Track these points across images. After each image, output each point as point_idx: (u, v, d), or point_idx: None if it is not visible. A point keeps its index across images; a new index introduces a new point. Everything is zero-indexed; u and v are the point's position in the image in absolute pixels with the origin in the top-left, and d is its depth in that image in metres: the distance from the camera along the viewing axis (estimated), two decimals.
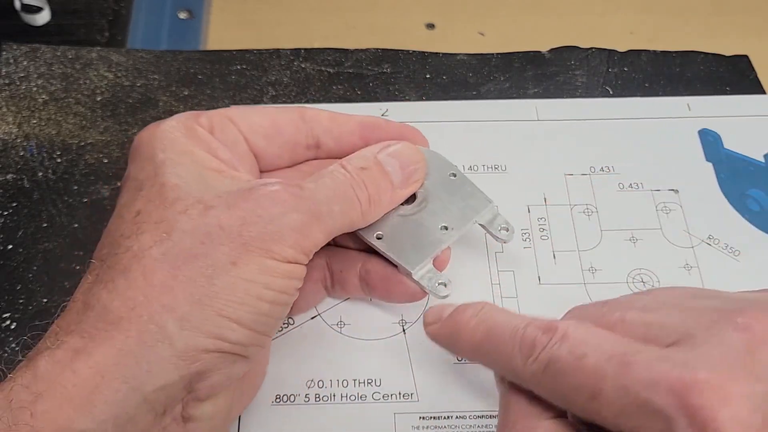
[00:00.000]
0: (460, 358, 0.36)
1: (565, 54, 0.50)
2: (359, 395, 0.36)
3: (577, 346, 0.25)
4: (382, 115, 0.45)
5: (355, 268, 0.35)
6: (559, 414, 0.27)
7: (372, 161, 0.32)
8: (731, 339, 0.23)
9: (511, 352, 0.27)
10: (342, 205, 0.30)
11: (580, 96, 0.47)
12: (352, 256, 0.35)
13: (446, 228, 0.34)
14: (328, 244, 0.33)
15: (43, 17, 0.50)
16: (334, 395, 0.35)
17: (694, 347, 0.23)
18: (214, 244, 0.27)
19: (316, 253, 0.30)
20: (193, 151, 0.30)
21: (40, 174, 0.42)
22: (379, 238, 0.33)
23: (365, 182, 0.31)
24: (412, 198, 0.34)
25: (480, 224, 0.35)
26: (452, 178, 0.35)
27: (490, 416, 0.35)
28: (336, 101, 0.46)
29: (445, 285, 0.33)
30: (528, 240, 0.41)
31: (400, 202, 0.34)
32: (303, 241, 0.28)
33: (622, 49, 0.50)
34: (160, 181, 0.29)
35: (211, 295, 0.26)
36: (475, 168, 0.43)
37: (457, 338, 0.30)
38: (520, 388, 0.27)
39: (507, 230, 0.35)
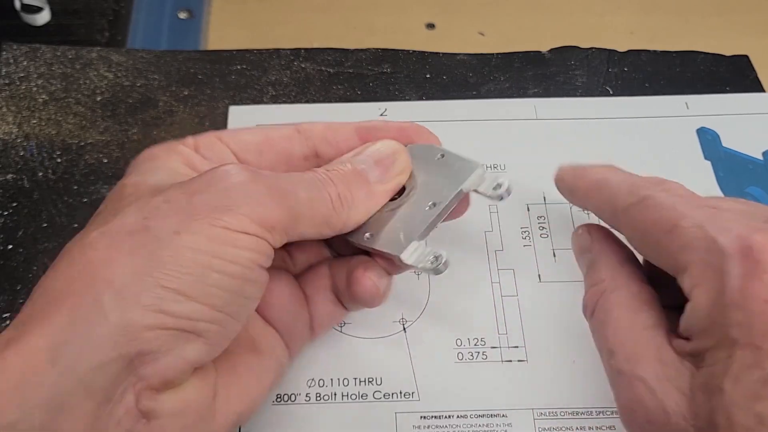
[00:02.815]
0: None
1: (565, 54, 0.50)
2: (360, 394, 0.35)
3: (677, 194, 0.29)
4: (381, 114, 0.45)
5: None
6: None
7: (344, 161, 0.31)
8: None
9: (618, 189, 0.31)
10: (309, 192, 0.29)
11: (581, 96, 0.47)
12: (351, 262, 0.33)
13: (434, 204, 0.32)
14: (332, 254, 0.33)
15: (43, 17, 0.50)
16: (335, 394, 0.35)
17: None
18: (159, 218, 0.26)
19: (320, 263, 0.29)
20: (167, 164, 0.30)
21: (40, 174, 0.42)
22: (368, 237, 0.32)
23: (333, 179, 0.30)
24: (402, 192, 0.33)
25: (472, 191, 0.33)
26: (440, 158, 0.34)
27: (491, 415, 0.35)
28: (336, 101, 0.46)
29: (437, 258, 0.31)
30: (528, 238, 0.41)
31: (387, 198, 0.32)
32: (259, 211, 0.27)
33: (622, 49, 0.50)
34: (122, 182, 0.29)
35: (153, 266, 0.25)
36: None
37: (580, 177, 0.34)
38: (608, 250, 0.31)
39: (500, 187, 0.33)
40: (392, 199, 0.32)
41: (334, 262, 0.34)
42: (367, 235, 0.32)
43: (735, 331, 0.24)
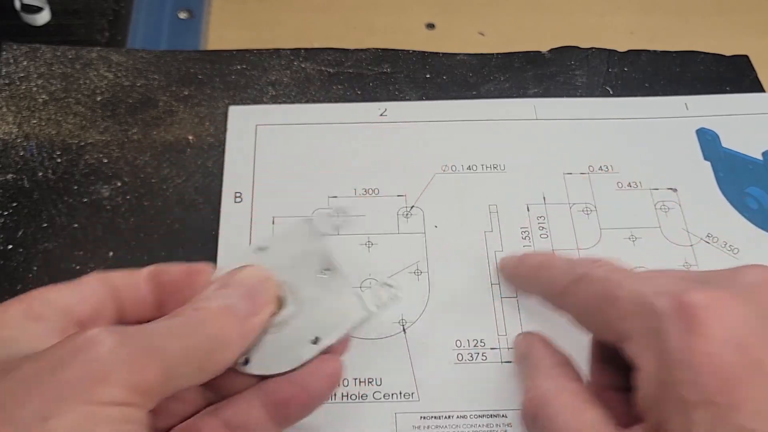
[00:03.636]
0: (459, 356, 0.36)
1: (565, 54, 0.50)
2: (360, 395, 0.36)
3: (612, 268, 0.30)
4: (381, 114, 0.45)
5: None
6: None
7: (210, 297, 0.29)
8: (735, 280, 0.27)
9: (557, 271, 0.32)
10: (181, 341, 0.26)
11: (580, 96, 0.47)
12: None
13: (317, 340, 0.30)
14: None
15: (43, 17, 0.50)
16: (335, 394, 0.35)
17: (703, 279, 0.27)
18: (19, 401, 0.22)
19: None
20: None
21: (40, 174, 0.42)
22: (247, 363, 0.30)
23: (203, 321, 0.27)
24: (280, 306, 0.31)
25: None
26: (325, 275, 0.32)
27: (491, 415, 0.35)
28: (336, 101, 0.46)
29: (390, 290, 0.32)
30: (527, 239, 0.41)
31: (261, 328, 0.30)
32: (135, 378, 0.24)
33: (622, 49, 0.50)
34: None
35: None
36: (475, 167, 0.43)
37: (521, 261, 0.37)
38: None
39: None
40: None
41: (222, 406, 0.30)
42: (245, 358, 0.30)
43: (687, 391, 0.24)
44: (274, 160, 0.43)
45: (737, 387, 0.23)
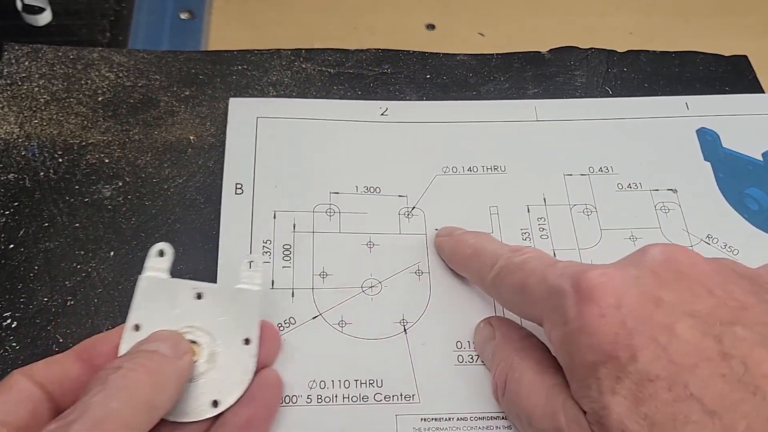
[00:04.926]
0: (459, 352, 0.37)
1: (564, 54, 0.50)
2: (361, 396, 0.36)
3: (528, 258, 0.32)
4: (382, 114, 0.45)
5: None
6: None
7: (134, 354, 0.30)
8: (631, 259, 0.29)
9: (485, 263, 0.35)
10: (119, 402, 0.27)
11: (580, 96, 0.47)
12: None
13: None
14: None
15: (44, 18, 0.50)
16: (336, 396, 0.35)
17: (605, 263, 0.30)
18: None
19: None
20: None
21: (42, 174, 0.42)
22: (207, 408, 0.32)
23: (138, 367, 0.28)
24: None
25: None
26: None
27: (492, 417, 0.35)
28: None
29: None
30: (528, 240, 0.41)
31: (191, 368, 0.32)
32: None
33: (621, 49, 0.50)
34: None
35: None
36: (475, 168, 0.43)
37: (456, 251, 0.38)
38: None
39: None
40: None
41: None
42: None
43: (588, 354, 0.27)
44: (275, 153, 0.43)
45: (630, 340, 0.26)
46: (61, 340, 0.37)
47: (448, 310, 0.38)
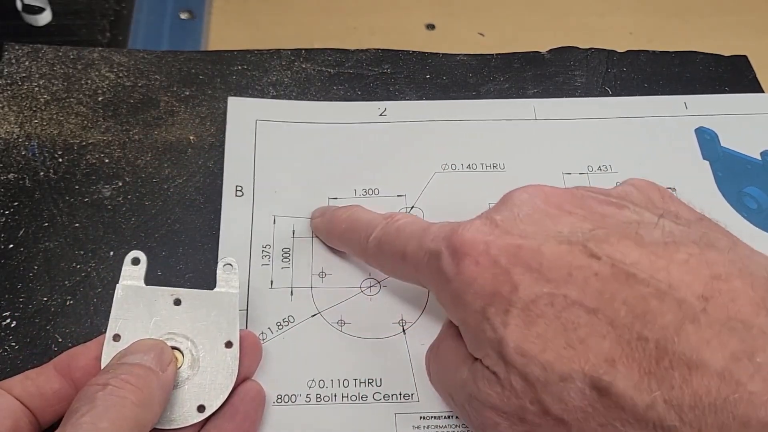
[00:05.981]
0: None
1: (564, 54, 0.50)
2: (360, 395, 0.36)
3: (403, 224, 0.33)
4: (381, 114, 0.45)
5: None
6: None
7: (116, 365, 0.30)
8: (500, 207, 0.31)
9: (362, 235, 0.35)
10: (108, 422, 0.27)
11: (580, 96, 0.47)
12: None
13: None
14: None
15: (44, 18, 0.50)
16: (335, 395, 0.35)
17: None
18: None
19: None
20: None
21: (42, 173, 0.42)
22: (196, 412, 0.32)
23: (125, 385, 0.29)
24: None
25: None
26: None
27: None
28: (336, 101, 0.46)
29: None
30: None
31: (174, 379, 0.32)
32: None
33: (621, 49, 0.50)
34: None
35: None
36: (474, 167, 0.43)
37: (332, 228, 0.38)
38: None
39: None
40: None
41: None
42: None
43: (476, 301, 0.28)
44: (275, 157, 0.43)
45: (507, 274, 0.27)
46: (60, 340, 0.37)
47: None
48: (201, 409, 0.32)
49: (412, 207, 0.42)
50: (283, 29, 0.52)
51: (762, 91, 0.48)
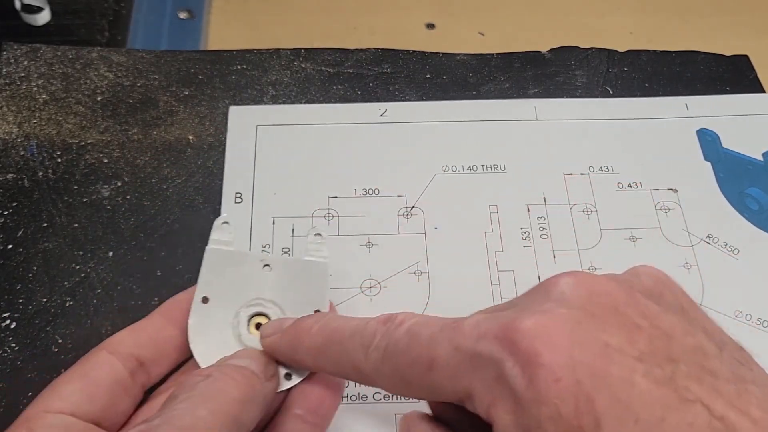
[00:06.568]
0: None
1: (565, 54, 0.50)
2: (360, 395, 0.36)
3: (413, 326, 0.27)
4: (381, 115, 0.45)
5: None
6: None
7: (223, 365, 0.30)
8: (548, 297, 0.25)
9: (352, 347, 0.28)
10: (206, 411, 0.27)
11: (580, 96, 0.47)
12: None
13: (289, 376, 0.32)
14: None
15: (43, 17, 0.50)
16: None
17: (516, 307, 0.25)
18: None
19: None
20: None
21: (41, 174, 0.42)
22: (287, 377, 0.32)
23: (232, 378, 0.28)
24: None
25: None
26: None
27: None
28: (336, 101, 0.46)
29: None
30: (528, 239, 0.41)
31: (274, 391, 0.31)
32: None
33: (622, 49, 0.50)
34: None
35: None
36: (475, 168, 0.43)
37: (299, 345, 0.31)
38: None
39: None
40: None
41: None
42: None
43: (549, 426, 0.22)
44: (275, 160, 0.43)
45: (592, 405, 0.22)
46: (60, 341, 0.37)
47: (448, 309, 0.38)
48: (288, 376, 0.31)
49: (412, 207, 0.41)
50: (283, 29, 0.52)
51: (763, 91, 0.48)
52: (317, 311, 0.33)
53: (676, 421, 0.21)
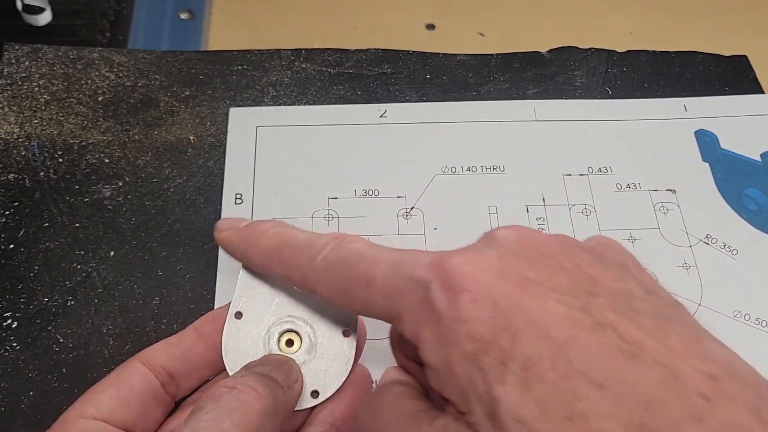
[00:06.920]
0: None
1: (564, 54, 0.50)
2: None
3: (363, 246, 0.29)
4: (381, 116, 0.45)
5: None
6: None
7: (248, 373, 0.31)
8: (486, 242, 0.27)
9: (303, 253, 0.30)
10: (231, 423, 0.27)
11: (580, 96, 0.47)
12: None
13: (316, 394, 0.32)
14: None
15: (44, 18, 0.50)
16: None
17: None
18: None
19: None
20: None
21: (42, 174, 0.42)
22: (313, 395, 0.32)
23: (255, 390, 0.29)
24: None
25: None
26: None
27: None
28: (336, 101, 0.46)
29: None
30: None
31: (298, 397, 0.32)
32: None
33: (621, 49, 0.50)
34: None
35: None
36: (474, 168, 0.43)
37: (252, 244, 0.32)
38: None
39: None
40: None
41: None
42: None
43: (468, 343, 0.24)
44: (275, 161, 0.43)
45: (508, 322, 0.24)
46: (61, 340, 0.37)
47: None
48: (315, 394, 0.32)
49: (412, 208, 0.42)
50: (283, 29, 0.52)
51: (762, 91, 0.48)
52: (347, 331, 0.33)
53: (587, 341, 0.23)
